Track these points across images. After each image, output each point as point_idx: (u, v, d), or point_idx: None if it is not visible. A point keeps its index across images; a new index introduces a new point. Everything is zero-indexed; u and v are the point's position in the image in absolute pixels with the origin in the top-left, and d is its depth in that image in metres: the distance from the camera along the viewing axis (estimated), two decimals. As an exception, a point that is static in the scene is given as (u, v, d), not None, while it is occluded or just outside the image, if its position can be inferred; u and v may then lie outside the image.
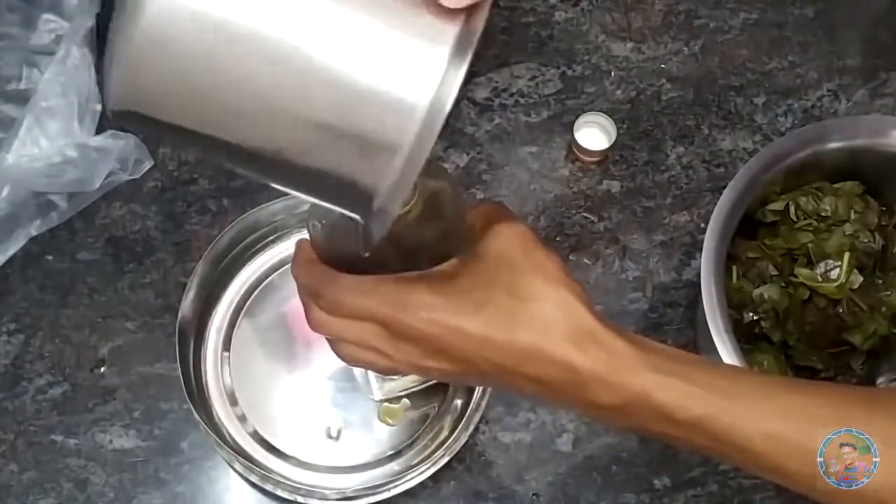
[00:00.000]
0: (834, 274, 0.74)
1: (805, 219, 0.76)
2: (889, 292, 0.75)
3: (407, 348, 0.48)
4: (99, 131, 0.82)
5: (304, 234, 0.80)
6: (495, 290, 0.47)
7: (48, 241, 0.82)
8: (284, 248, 0.80)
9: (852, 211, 0.76)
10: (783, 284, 0.75)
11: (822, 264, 0.75)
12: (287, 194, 0.77)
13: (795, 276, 0.75)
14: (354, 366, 0.54)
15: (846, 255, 0.74)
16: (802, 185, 0.77)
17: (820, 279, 0.74)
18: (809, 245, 0.75)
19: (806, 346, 0.75)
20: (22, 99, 0.82)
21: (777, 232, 0.77)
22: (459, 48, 0.36)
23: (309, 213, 0.52)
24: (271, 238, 0.80)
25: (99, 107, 0.83)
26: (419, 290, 0.47)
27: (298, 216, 0.79)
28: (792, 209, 0.76)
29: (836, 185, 0.77)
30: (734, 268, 0.76)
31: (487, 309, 0.46)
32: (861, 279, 0.75)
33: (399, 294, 0.47)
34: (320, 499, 0.71)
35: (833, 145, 0.74)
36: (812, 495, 0.50)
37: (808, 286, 0.75)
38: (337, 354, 0.51)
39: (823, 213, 0.76)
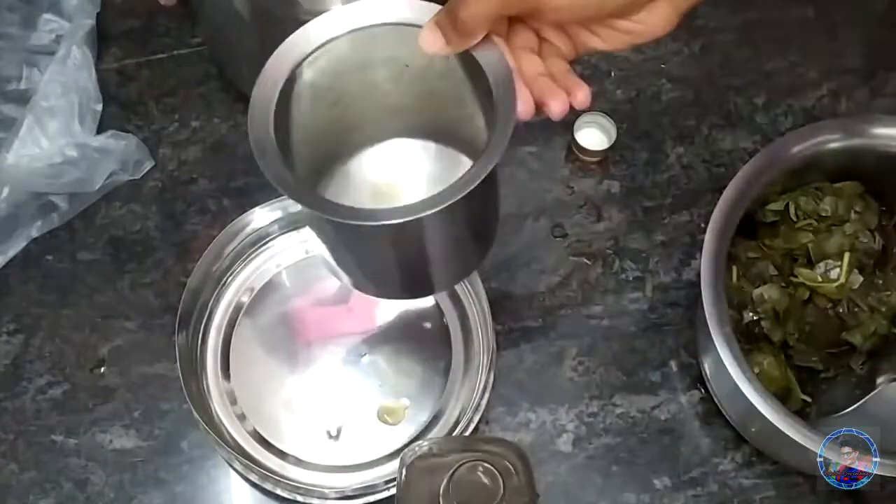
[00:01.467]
0: (834, 274, 0.74)
1: (805, 219, 0.76)
2: (889, 292, 0.75)
3: None
4: (99, 131, 0.82)
5: (299, 235, 0.80)
6: None
7: (48, 241, 0.82)
8: (284, 248, 0.80)
9: (852, 211, 0.76)
10: (783, 284, 0.75)
11: (821, 264, 0.75)
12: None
13: (795, 276, 0.75)
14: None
15: (846, 255, 0.74)
16: (802, 185, 0.77)
17: (820, 279, 0.74)
18: (809, 245, 0.75)
19: (806, 346, 0.75)
20: (22, 99, 0.82)
21: (777, 232, 0.77)
22: None
23: None
24: (271, 238, 0.80)
25: (99, 107, 0.83)
26: None
27: (297, 216, 0.79)
28: (792, 209, 0.76)
29: (836, 185, 0.77)
30: (734, 268, 0.76)
31: None
32: (861, 279, 0.75)
33: None
34: (320, 498, 0.71)
35: (833, 145, 0.74)
36: None
37: (808, 286, 0.75)
38: None
39: (823, 213, 0.76)
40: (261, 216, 0.79)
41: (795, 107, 0.88)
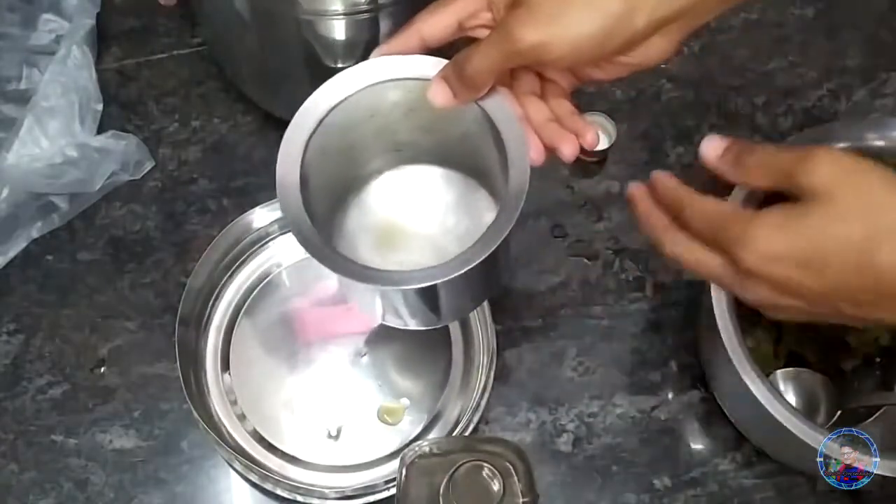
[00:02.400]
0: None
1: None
2: None
3: (754, 287, 0.50)
4: (100, 131, 0.82)
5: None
6: (838, 241, 0.47)
7: (48, 241, 0.82)
8: (284, 248, 0.80)
9: None
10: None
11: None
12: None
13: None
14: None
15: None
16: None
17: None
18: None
19: (803, 335, 0.74)
20: (22, 99, 0.82)
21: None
22: None
23: None
24: (271, 237, 0.80)
25: (100, 107, 0.83)
26: (764, 230, 0.49)
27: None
28: None
29: None
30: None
31: (833, 265, 0.47)
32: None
33: (742, 231, 0.49)
34: (320, 498, 0.71)
35: (840, 145, 0.74)
36: None
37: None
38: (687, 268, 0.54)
39: None
40: (261, 216, 0.79)
41: (795, 107, 0.88)
